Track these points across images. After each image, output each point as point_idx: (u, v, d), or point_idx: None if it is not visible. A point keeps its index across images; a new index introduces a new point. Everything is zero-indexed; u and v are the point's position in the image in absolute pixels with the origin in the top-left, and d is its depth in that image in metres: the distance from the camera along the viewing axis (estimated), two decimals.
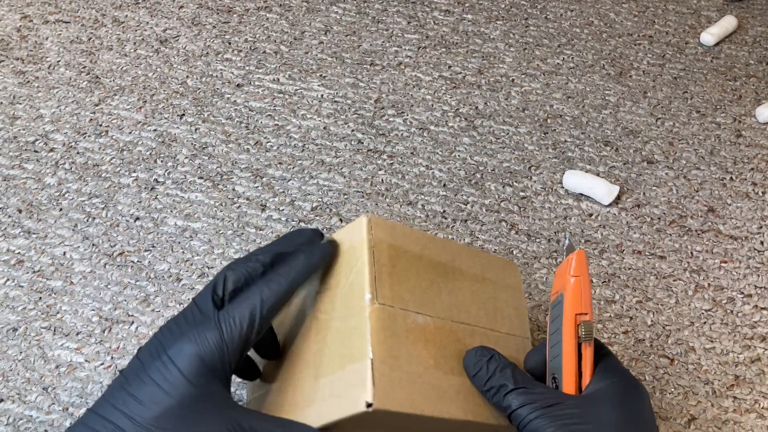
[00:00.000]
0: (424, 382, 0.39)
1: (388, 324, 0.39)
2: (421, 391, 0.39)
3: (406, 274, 0.42)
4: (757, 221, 0.66)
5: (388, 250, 0.41)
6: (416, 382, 0.39)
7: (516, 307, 0.48)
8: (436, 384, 0.40)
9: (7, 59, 0.78)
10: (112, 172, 0.68)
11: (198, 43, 0.81)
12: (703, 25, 0.86)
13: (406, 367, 0.39)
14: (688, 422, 0.53)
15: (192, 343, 0.37)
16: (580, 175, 0.67)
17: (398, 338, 0.39)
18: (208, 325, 0.37)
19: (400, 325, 0.40)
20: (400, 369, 0.38)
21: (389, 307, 0.39)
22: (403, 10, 0.87)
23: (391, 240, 0.42)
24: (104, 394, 0.37)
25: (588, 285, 0.41)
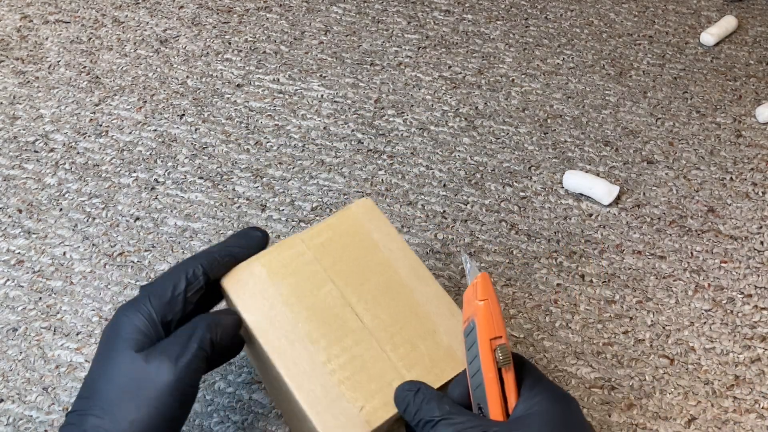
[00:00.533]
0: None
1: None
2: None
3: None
4: (757, 221, 0.66)
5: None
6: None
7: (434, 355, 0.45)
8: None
9: (7, 59, 0.78)
10: (112, 172, 0.68)
11: (198, 43, 0.81)
12: (703, 25, 0.87)
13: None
14: (688, 422, 0.53)
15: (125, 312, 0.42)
16: (580, 175, 0.67)
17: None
18: (137, 298, 0.42)
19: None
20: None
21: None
22: (403, 10, 0.87)
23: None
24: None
25: (497, 306, 0.40)
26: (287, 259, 0.45)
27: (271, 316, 0.42)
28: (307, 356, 0.41)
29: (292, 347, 0.41)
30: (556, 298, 0.60)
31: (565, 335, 0.58)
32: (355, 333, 0.42)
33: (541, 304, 0.60)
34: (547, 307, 0.60)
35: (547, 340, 0.57)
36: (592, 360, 0.56)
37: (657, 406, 0.54)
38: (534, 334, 0.58)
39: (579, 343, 0.57)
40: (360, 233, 0.46)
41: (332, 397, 0.40)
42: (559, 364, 0.56)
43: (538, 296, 0.60)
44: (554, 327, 0.58)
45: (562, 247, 0.64)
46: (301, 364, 0.41)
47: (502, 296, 0.60)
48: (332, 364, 0.41)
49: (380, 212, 0.48)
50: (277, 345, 0.41)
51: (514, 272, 0.62)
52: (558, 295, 0.60)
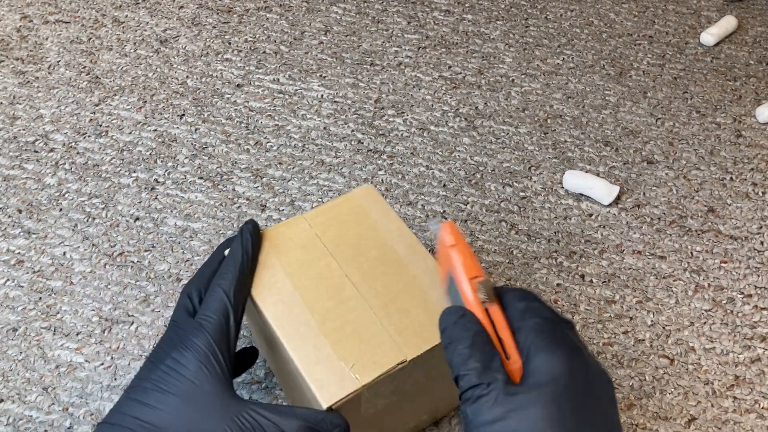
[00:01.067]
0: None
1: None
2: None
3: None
4: (757, 221, 0.66)
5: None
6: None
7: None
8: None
9: (7, 59, 0.78)
10: (112, 172, 0.68)
11: (198, 43, 0.81)
12: (703, 25, 0.86)
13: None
14: (688, 422, 0.53)
15: (185, 349, 0.40)
16: (580, 176, 0.67)
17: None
18: (191, 331, 0.41)
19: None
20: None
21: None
22: (403, 10, 0.87)
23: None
24: (113, 407, 0.40)
25: (468, 248, 0.39)
26: (291, 235, 0.47)
27: (272, 284, 0.45)
28: (304, 320, 0.43)
29: (290, 312, 0.43)
30: (556, 298, 0.60)
31: None
32: (351, 301, 0.44)
33: None
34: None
35: None
36: None
37: (657, 406, 0.54)
38: None
39: None
40: (360, 214, 0.49)
41: (324, 356, 0.42)
42: None
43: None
44: None
45: (562, 247, 0.64)
46: (296, 327, 0.43)
47: None
48: (326, 327, 0.43)
49: (380, 197, 0.50)
50: (274, 309, 0.43)
51: (514, 272, 0.62)
52: (558, 295, 0.60)
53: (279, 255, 0.46)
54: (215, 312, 0.42)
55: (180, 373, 0.40)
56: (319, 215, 0.48)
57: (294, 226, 0.48)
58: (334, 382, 0.40)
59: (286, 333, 0.42)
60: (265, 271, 0.45)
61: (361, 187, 0.50)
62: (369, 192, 0.50)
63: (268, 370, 0.55)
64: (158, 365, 0.40)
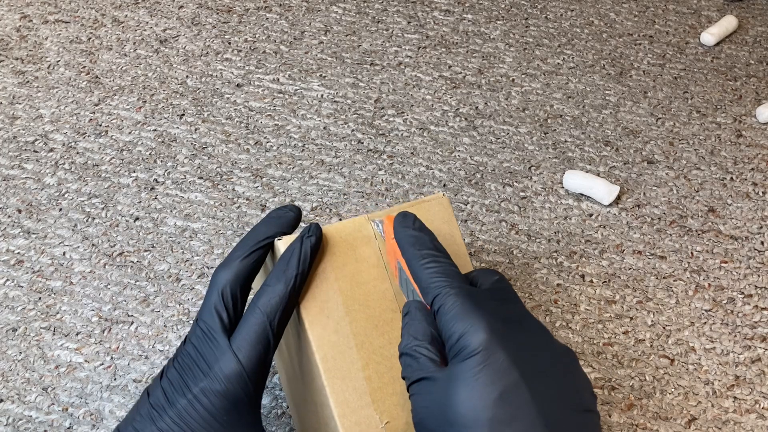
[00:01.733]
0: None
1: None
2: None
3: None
4: (758, 221, 0.66)
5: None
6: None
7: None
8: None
9: (7, 59, 0.78)
10: (112, 172, 0.68)
11: (198, 43, 0.81)
12: (703, 25, 0.86)
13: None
14: (689, 422, 0.53)
15: (216, 382, 0.37)
16: (580, 175, 0.67)
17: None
18: (225, 359, 0.37)
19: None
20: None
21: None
22: (403, 10, 0.87)
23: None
24: (133, 421, 0.38)
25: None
26: (351, 241, 0.42)
27: (323, 302, 0.40)
28: (349, 357, 0.39)
29: (336, 343, 0.39)
30: (557, 298, 0.60)
31: (565, 335, 0.58)
32: (398, 342, 0.41)
33: (542, 304, 0.60)
34: (548, 307, 0.59)
35: None
36: (593, 360, 0.56)
37: (657, 407, 0.54)
38: None
39: (579, 343, 0.57)
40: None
41: (362, 404, 0.39)
42: None
43: (539, 296, 0.60)
44: (554, 327, 0.58)
45: (562, 247, 0.64)
46: (340, 363, 0.39)
47: None
48: (370, 369, 0.40)
49: (453, 214, 0.45)
50: (321, 336, 0.39)
51: (514, 272, 0.62)
52: (558, 295, 0.60)
53: (334, 265, 0.41)
54: (253, 342, 0.37)
55: (207, 412, 0.36)
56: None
57: (356, 230, 0.42)
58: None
59: (327, 367, 0.39)
60: (317, 281, 0.40)
61: (435, 197, 0.45)
62: (443, 207, 0.45)
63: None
64: (185, 393, 0.37)
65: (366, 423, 0.38)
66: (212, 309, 0.39)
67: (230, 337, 0.38)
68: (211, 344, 0.38)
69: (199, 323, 0.39)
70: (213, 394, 0.37)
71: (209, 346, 0.38)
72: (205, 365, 0.37)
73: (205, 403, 0.37)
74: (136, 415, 0.38)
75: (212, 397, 0.36)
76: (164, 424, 0.36)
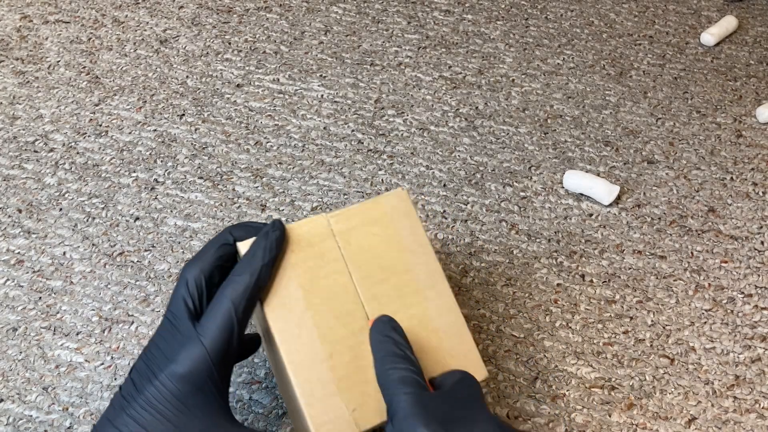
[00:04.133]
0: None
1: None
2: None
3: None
4: (758, 221, 0.66)
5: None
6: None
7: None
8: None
9: (7, 59, 0.78)
10: (112, 172, 0.68)
11: (198, 43, 0.81)
12: (703, 25, 0.86)
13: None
14: (689, 422, 0.53)
15: (180, 365, 0.38)
16: (580, 175, 0.67)
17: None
18: (191, 344, 0.38)
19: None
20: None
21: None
22: (403, 10, 0.87)
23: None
24: (106, 414, 0.39)
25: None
26: (310, 239, 0.43)
27: (285, 297, 0.41)
28: (312, 349, 0.41)
29: (300, 336, 0.41)
30: (557, 297, 0.60)
31: (565, 335, 0.58)
32: (362, 333, 0.42)
33: (542, 304, 0.60)
34: (548, 307, 0.59)
35: (547, 340, 0.57)
36: (593, 360, 0.56)
37: (657, 406, 0.54)
38: (534, 333, 0.58)
39: (579, 343, 0.57)
40: (388, 227, 0.45)
41: (327, 393, 0.40)
42: (560, 364, 0.56)
43: (539, 296, 0.60)
44: (554, 327, 0.58)
45: (562, 247, 0.64)
46: (304, 355, 0.40)
47: (502, 296, 0.60)
48: (334, 360, 0.41)
49: (413, 207, 0.46)
50: (284, 330, 0.41)
51: (514, 272, 0.62)
52: (558, 294, 0.60)
53: (295, 261, 0.42)
54: (219, 327, 0.38)
55: (174, 396, 0.38)
56: (344, 220, 0.44)
57: (315, 228, 0.43)
58: (333, 424, 0.39)
59: (292, 359, 0.40)
60: (278, 277, 0.41)
61: (394, 192, 0.46)
62: (401, 200, 0.45)
63: (269, 370, 0.55)
64: (152, 379, 0.38)
65: (333, 411, 0.39)
66: (179, 299, 0.40)
67: (196, 325, 0.39)
68: (177, 332, 0.39)
69: (167, 315, 0.41)
70: (178, 378, 0.38)
71: (175, 333, 0.39)
72: (170, 352, 0.39)
73: (171, 387, 0.38)
74: (110, 408, 0.39)
75: (177, 381, 0.38)
76: (134, 411, 0.38)
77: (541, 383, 0.55)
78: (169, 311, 0.41)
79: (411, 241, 0.45)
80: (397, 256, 0.44)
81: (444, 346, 0.43)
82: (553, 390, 0.54)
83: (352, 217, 0.44)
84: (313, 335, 0.41)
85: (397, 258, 0.44)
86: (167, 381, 0.38)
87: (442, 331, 0.43)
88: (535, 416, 0.53)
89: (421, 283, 0.44)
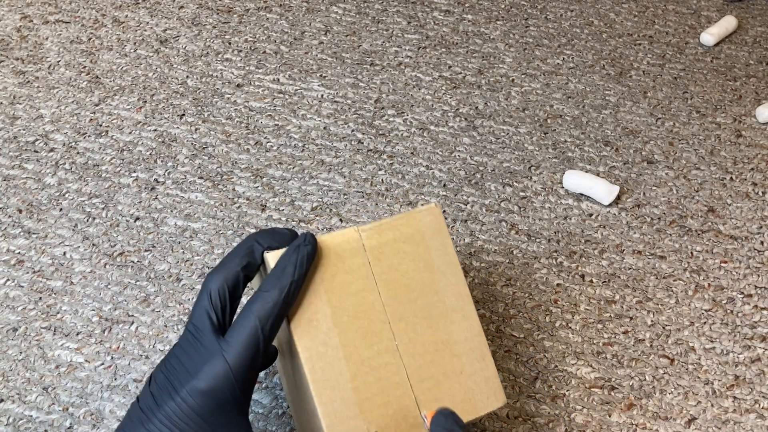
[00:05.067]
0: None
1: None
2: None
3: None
4: (757, 221, 0.66)
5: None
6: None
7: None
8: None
9: (7, 59, 0.78)
10: (112, 172, 0.68)
11: (198, 43, 0.81)
12: (703, 25, 0.87)
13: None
14: (688, 422, 0.53)
15: (202, 381, 0.37)
16: (580, 175, 0.67)
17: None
18: (214, 360, 0.37)
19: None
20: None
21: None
22: (403, 10, 0.87)
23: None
24: (123, 426, 0.38)
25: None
26: (340, 252, 0.42)
27: (312, 313, 0.40)
28: (337, 368, 0.40)
29: (325, 354, 0.40)
30: (556, 298, 0.60)
31: (565, 335, 0.58)
32: (387, 354, 0.41)
33: (541, 304, 0.60)
34: (547, 307, 0.60)
35: (547, 340, 0.57)
36: (592, 360, 0.56)
37: (657, 406, 0.54)
38: (534, 334, 0.58)
39: (579, 343, 0.57)
40: (420, 245, 0.44)
41: (350, 415, 0.39)
42: (559, 364, 0.56)
43: (538, 296, 0.60)
44: (554, 327, 0.58)
45: (562, 247, 0.64)
46: (328, 373, 0.40)
47: (502, 296, 0.60)
48: (358, 380, 0.40)
49: (445, 225, 0.45)
50: (310, 346, 0.40)
51: (514, 272, 0.62)
52: (558, 295, 0.60)
53: (324, 275, 0.41)
54: (245, 346, 0.37)
55: (195, 413, 0.37)
56: (376, 235, 0.43)
57: (346, 241, 0.42)
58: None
59: (316, 378, 0.39)
60: (306, 292, 0.41)
61: (427, 208, 0.45)
62: (433, 216, 0.45)
63: (269, 370, 0.55)
64: (173, 395, 0.37)
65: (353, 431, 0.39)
66: (203, 311, 0.39)
67: (220, 340, 0.38)
68: (200, 346, 0.38)
69: (188, 326, 0.39)
70: (199, 394, 0.37)
71: (198, 347, 0.38)
72: (193, 366, 0.37)
73: (192, 404, 0.37)
74: (127, 420, 0.38)
75: (198, 397, 0.37)
76: (153, 426, 0.37)
77: (541, 383, 0.55)
78: (191, 323, 0.39)
79: (441, 262, 0.44)
80: (426, 276, 0.43)
81: (466, 371, 0.43)
82: (553, 390, 0.55)
83: (384, 232, 0.43)
84: (338, 354, 0.40)
85: (427, 278, 0.43)
86: (188, 397, 0.37)
87: (465, 355, 0.43)
88: (535, 416, 0.53)
89: (449, 306, 0.44)
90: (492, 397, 0.42)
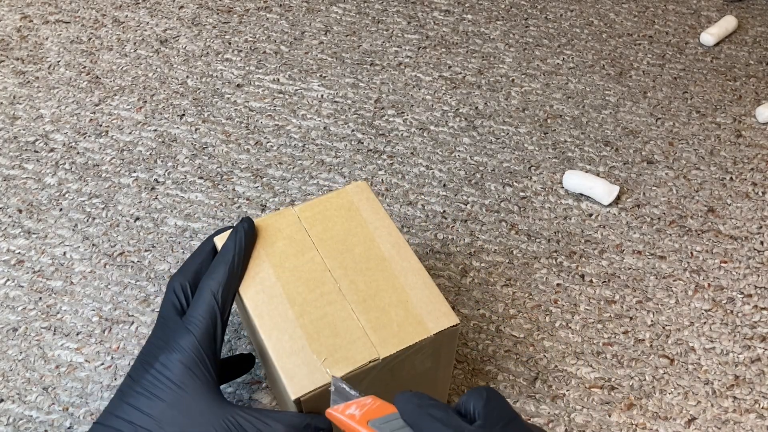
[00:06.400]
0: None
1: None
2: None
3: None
4: (757, 221, 0.66)
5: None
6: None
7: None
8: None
9: (7, 59, 0.78)
10: (112, 172, 0.68)
11: (198, 43, 0.81)
12: (703, 25, 0.87)
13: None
14: (688, 422, 0.53)
15: (172, 351, 0.41)
16: (580, 175, 0.67)
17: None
18: (180, 333, 0.42)
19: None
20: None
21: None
22: (403, 10, 0.87)
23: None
24: (106, 408, 0.42)
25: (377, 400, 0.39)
26: (280, 226, 0.48)
27: (256, 273, 0.45)
28: (282, 311, 0.43)
29: (270, 302, 0.44)
30: (556, 298, 0.60)
31: (565, 335, 0.58)
32: (330, 295, 0.44)
33: (541, 304, 0.60)
34: (547, 307, 0.60)
35: (547, 340, 0.57)
36: (592, 360, 0.56)
37: (657, 406, 0.54)
38: (534, 334, 0.58)
39: (579, 343, 0.57)
40: (350, 210, 0.49)
41: (298, 348, 0.42)
42: (559, 364, 0.56)
43: (538, 296, 0.60)
44: (554, 327, 0.58)
45: (562, 247, 0.64)
46: (274, 317, 0.43)
47: (502, 296, 0.60)
48: (303, 319, 0.43)
49: (372, 194, 0.50)
50: (255, 299, 0.44)
51: (514, 272, 0.62)
52: (558, 295, 0.60)
53: (266, 246, 0.47)
54: (203, 315, 0.42)
55: (168, 378, 0.41)
56: (310, 209, 0.49)
57: (284, 217, 0.48)
58: (305, 375, 0.41)
59: (263, 323, 0.43)
60: (252, 265, 0.46)
61: (354, 184, 0.51)
62: (361, 188, 0.50)
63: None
64: (148, 369, 0.42)
65: (304, 363, 0.41)
66: (168, 303, 0.44)
67: (183, 319, 0.43)
68: (167, 328, 0.43)
69: (157, 319, 0.44)
70: (170, 362, 0.41)
71: (165, 329, 0.43)
72: (163, 343, 0.42)
73: (164, 371, 0.41)
74: (110, 401, 0.42)
75: (171, 364, 0.41)
76: (132, 399, 0.41)
77: (541, 383, 0.55)
78: (159, 316, 0.44)
79: (373, 219, 0.48)
80: (360, 231, 0.48)
81: (411, 300, 0.45)
82: (552, 390, 0.55)
83: (316, 206, 0.49)
84: (283, 300, 0.44)
85: (361, 233, 0.47)
86: (162, 367, 0.41)
87: (409, 287, 0.45)
88: (534, 416, 0.53)
89: (386, 252, 0.47)
90: (443, 317, 0.44)
